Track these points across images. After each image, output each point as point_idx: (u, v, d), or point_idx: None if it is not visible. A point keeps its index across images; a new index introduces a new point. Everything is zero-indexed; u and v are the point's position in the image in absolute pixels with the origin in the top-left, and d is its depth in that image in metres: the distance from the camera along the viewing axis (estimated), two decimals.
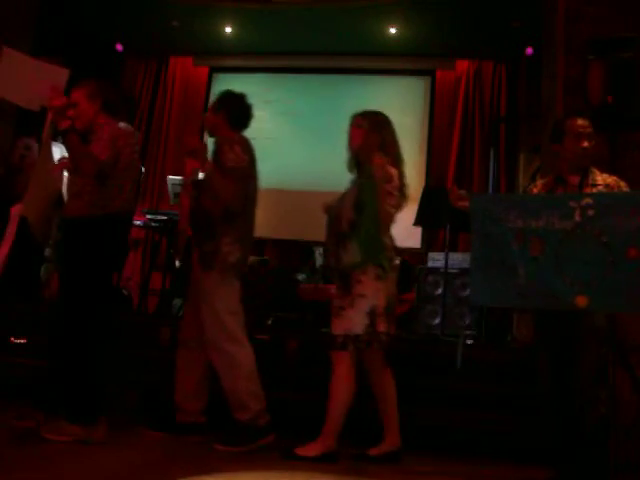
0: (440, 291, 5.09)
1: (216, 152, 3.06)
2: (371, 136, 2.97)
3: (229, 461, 2.70)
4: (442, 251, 5.17)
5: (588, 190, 2.83)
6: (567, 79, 3.57)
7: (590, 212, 2.55)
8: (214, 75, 7.55)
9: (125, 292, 5.50)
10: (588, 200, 2.58)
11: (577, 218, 2.58)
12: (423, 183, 6.48)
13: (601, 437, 2.64)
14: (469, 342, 4.27)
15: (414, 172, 6.81)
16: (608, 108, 2.93)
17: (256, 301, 4.89)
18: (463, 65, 6.98)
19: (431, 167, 6.89)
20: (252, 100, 3.24)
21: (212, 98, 3.45)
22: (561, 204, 2.66)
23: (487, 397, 3.48)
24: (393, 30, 6.43)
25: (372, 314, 2.81)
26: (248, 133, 3.20)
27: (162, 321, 4.34)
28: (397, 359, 3.00)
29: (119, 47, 7.29)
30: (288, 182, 6.86)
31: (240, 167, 3.00)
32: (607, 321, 2.75)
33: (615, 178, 2.84)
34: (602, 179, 2.83)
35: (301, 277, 5.47)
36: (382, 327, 2.83)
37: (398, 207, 2.96)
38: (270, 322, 4.87)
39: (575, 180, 2.85)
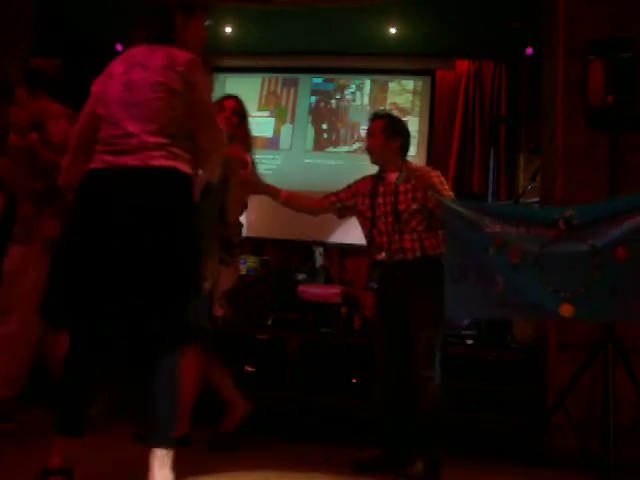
0: None
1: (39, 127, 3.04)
2: (241, 126, 3.20)
3: (229, 461, 2.71)
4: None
5: (403, 187, 2.85)
6: (567, 79, 3.56)
7: (575, 222, 2.51)
8: (214, 75, 7.52)
9: None
10: (571, 212, 2.53)
11: (561, 226, 2.53)
12: None
13: (436, 418, 2.66)
14: (469, 342, 4.27)
15: None
16: (608, 108, 2.93)
17: (256, 301, 4.89)
18: (463, 65, 6.97)
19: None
20: (252, 100, 3.29)
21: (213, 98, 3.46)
22: (542, 216, 2.63)
23: (487, 397, 3.48)
24: (393, 30, 6.42)
25: (210, 298, 2.81)
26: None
27: None
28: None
29: (119, 47, 7.27)
30: (287, 182, 6.83)
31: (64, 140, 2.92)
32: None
33: (427, 169, 2.92)
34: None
35: (301, 277, 5.46)
36: (219, 312, 2.84)
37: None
38: (270, 322, 4.86)
39: (392, 177, 2.92)
